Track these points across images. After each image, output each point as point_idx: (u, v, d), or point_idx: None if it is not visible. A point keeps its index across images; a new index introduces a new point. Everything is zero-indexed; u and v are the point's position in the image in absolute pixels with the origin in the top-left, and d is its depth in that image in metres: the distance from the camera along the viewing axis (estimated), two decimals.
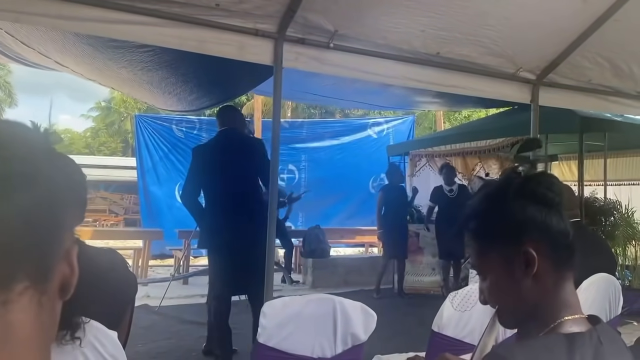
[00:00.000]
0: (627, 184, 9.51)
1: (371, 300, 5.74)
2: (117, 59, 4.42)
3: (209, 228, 4.03)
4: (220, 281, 4.06)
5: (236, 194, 3.94)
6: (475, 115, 19.65)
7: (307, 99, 9.46)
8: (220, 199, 3.99)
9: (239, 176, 3.96)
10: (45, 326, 0.55)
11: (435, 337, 2.19)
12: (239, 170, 3.96)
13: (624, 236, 6.80)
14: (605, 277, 2.69)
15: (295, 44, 3.61)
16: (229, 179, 3.93)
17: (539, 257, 1.02)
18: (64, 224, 0.56)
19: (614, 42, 4.35)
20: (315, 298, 2.02)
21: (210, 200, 4.05)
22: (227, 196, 3.94)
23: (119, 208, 20.92)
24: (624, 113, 6.06)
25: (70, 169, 0.59)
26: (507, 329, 1.18)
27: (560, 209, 1.04)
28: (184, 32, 3.28)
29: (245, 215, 3.89)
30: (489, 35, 4.04)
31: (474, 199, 1.13)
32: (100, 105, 32.95)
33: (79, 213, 0.60)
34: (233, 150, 4.05)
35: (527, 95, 4.74)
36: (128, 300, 1.73)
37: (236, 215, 3.90)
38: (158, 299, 6.13)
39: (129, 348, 1.87)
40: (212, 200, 4.03)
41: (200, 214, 4.06)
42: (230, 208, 3.93)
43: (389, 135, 12.40)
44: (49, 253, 0.54)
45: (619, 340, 1.06)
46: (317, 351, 2.00)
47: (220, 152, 4.03)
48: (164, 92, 5.33)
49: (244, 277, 3.87)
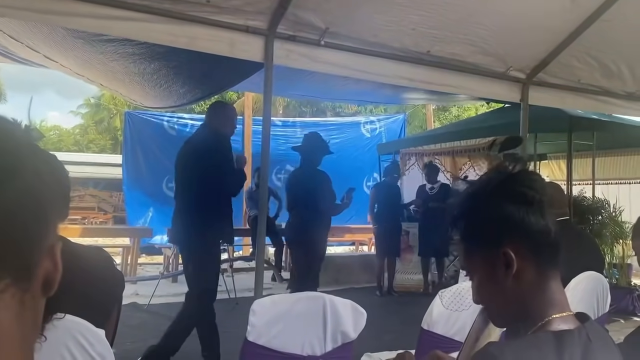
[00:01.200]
0: (615, 183, 9.59)
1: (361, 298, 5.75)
2: (109, 52, 4.38)
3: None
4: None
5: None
6: (464, 115, 19.77)
7: (297, 95, 9.45)
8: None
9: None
10: (27, 324, 0.53)
11: (425, 334, 2.20)
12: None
13: (612, 235, 6.86)
14: (593, 275, 2.71)
15: (286, 41, 3.60)
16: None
17: (519, 257, 1.01)
18: (48, 219, 0.55)
19: (602, 42, 4.38)
20: (305, 296, 2.02)
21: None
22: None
23: (107, 206, 20.79)
24: (613, 113, 6.12)
25: (53, 165, 0.58)
26: (497, 327, 1.18)
27: (541, 207, 1.03)
28: (174, 29, 3.26)
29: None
30: (480, 34, 4.06)
31: (456, 199, 1.13)
32: (90, 102, 32.69)
33: (62, 209, 0.59)
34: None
35: (517, 94, 4.77)
36: (115, 298, 1.71)
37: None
38: (147, 297, 6.09)
39: (117, 346, 1.86)
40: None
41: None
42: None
43: (381, 134, 12.42)
44: (32, 249, 0.53)
45: (607, 337, 1.06)
46: (307, 349, 1.99)
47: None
48: (155, 85, 5.29)
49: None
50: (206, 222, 3.76)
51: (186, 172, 3.95)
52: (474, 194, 1.10)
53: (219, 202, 3.87)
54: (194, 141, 4.13)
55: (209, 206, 3.78)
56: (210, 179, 3.73)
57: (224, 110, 4.18)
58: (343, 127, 12.77)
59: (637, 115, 6.64)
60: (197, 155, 3.85)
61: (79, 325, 1.50)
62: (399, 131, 12.69)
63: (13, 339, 0.51)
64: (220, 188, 3.81)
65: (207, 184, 3.74)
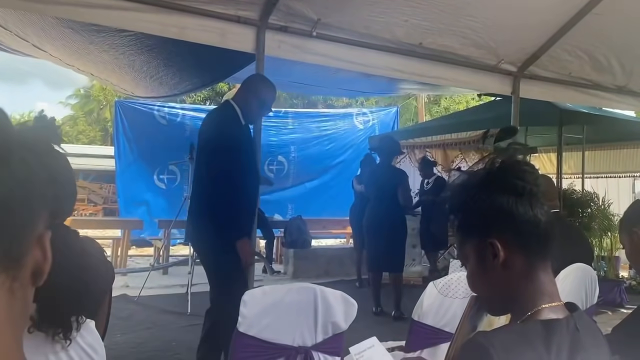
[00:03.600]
0: (604, 176, 9.66)
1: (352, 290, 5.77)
2: (99, 43, 4.34)
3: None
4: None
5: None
6: (453, 108, 19.83)
7: (289, 88, 9.41)
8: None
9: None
10: (16, 313, 0.53)
11: (415, 325, 2.21)
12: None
13: (600, 228, 6.91)
14: (582, 267, 2.73)
15: (278, 32, 3.58)
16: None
17: (507, 247, 1.02)
18: (38, 208, 0.55)
19: (593, 36, 4.40)
20: (296, 287, 2.02)
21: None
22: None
23: (97, 197, 20.66)
24: (603, 106, 6.16)
25: (46, 156, 0.58)
26: (491, 315, 1.19)
27: (532, 197, 1.03)
28: (164, 18, 3.23)
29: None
30: (472, 27, 4.06)
31: (448, 190, 1.13)
32: (79, 92, 32.42)
33: (60, 199, 0.59)
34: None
35: (508, 87, 4.79)
36: (105, 288, 1.71)
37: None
38: (137, 289, 6.07)
39: (108, 338, 1.85)
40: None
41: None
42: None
43: (374, 126, 12.40)
44: (21, 237, 0.52)
45: (594, 327, 1.07)
46: (298, 340, 1.99)
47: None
48: (146, 76, 5.25)
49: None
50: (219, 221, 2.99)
51: (197, 159, 3.25)
52: (465, 184, 1.10)
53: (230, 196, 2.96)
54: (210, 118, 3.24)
55: (219, 201, 2.96)
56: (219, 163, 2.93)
57: (265, 84, 3.19)
58: (336, 118, 12.73)
59: (627, 109, 6.70)
60: (207, 137, 3.08)
61: None
62: (392, 124, 12.67)
63: (3, 326, 0.51)
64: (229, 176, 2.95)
65: (214, 169, 2.96)
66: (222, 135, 2.95)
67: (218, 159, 2.92)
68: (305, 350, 1.99)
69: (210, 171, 2.98)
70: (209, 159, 3.00)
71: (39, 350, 1.41)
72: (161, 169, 10.78)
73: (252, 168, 3.17)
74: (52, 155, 0.60)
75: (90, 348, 1.54)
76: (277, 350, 1.95)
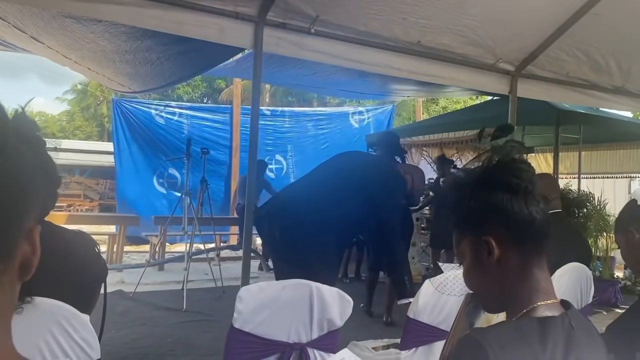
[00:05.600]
0: (600, 177, 9.70)
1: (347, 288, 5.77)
2: (100, 31, 4.31)
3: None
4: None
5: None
6: (453, 107, 19.83)
7: (286, 83, 9.39)
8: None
9: None
10: (4, 305, 0.53)
11: (411, 323, 2.21)
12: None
13: (596, 228, 6.92)
14: (578, 266, 2.73)
15: (276, 29, 3.57)
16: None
17: (502, 244, 1.03)
18: (27, 201, 0.54)
19: (591, 36, 4.40)
20: (291, 283, 2.01)
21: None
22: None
23: (94, 193, 20.59)
24: (600, 107, 6.17)
25: (39, 149, 0.58)
26: (488, 312, 1.20)
27: (527, 195, 1.03)
28: (162, 13, 3.22)
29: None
30: (470, 25, 4.06)
31: (446, 188, 1.14)
32: (77, 88, 32.30)
33: (46, 196, 0.58)
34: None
35: (506, 86, 4.79)
36: (97, 281, 1.70)
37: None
38: (133, 285, 6.06)
39: (103, 333, 1.84)
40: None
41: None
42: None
43: (369, 124, 12.42)
44: (10, 230, 0.52)
45: (589, 324, 1.07)
46: (293, 336, 1.99)
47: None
48: (147, 62, 5.19)
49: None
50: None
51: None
52: (461, 182, 1.11)
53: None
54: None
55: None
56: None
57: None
58: (331, 117, 12.76)
59: (624, 109, 6.72)
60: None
61: (63, 310, 1.48)
62: (387, 122, 12.70)
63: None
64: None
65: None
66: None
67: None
68: (300, 346, 1.99)
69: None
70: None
71: (30, 341, 1.40)
72: (161, 172, 10.77)
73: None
74: (43, 145, 0.59)
75: (85, 342, 1.53)
76: (272, 346, 1.95)
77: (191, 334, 4.63)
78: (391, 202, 3.59)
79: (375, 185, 3.41)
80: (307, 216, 3.18)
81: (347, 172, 3.52)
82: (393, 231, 3.82)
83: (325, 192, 3.32)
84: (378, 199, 3.40)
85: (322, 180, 3.52)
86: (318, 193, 3.34)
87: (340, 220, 3.27)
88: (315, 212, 3.19)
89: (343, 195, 3.27)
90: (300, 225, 3.14)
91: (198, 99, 24.05)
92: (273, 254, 3.61)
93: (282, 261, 3.53)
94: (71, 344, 1.50)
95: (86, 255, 1.68)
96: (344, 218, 3.29)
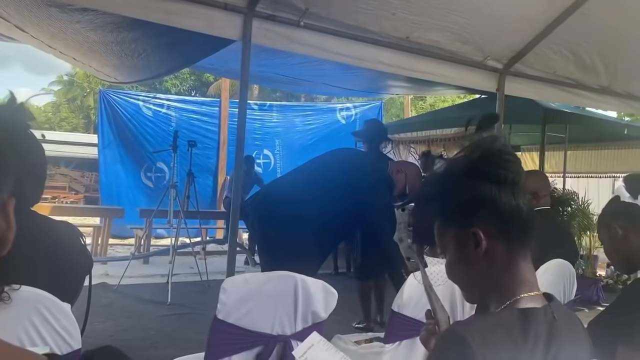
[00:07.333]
0: (584, 176, 9.79)
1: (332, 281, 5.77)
2: (85, 22, 4.24)
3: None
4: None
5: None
6: (439, 105, 19.90)
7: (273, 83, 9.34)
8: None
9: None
10: None
11: (395, 316, 2.21)
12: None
13: (580, 226, 7.00)
14: (561, 262, 2.75)
15: (265, 21, 3.55)
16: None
17: (489, 236, 1.02)
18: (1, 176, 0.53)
19: (579, 35, 4.43)
20: (276, 275, 2.00)
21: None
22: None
23: (79, 185, 20.41)
24: (585, 106, 6.22)
25: (13, 133, 0.57)
26: (469, 303, 1.19)
27: (514, 186, 1.03)
28: (150, 2, 3.18)
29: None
30: (459, 22, 4.06)
31: (430, 179, 1.13)
32: (62, 79, 31.93)
33: (24, 174, 0.57)
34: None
35: (494, 83, 4.81)
36: (83, 272, 1.68)
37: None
38: (117, 278, 6.02)
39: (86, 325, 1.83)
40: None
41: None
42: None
43: (356, 121, 12.42)
44: None
45: (573, 316, 1.08)
46: (277, 328, 1.98)
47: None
48: (134, 54, 5.11)
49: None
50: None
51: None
52: (446, 172, 1.10)
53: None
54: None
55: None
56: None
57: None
58: (319, 112, 12.75)
59: (609, 109, 6.77)
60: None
61: (43, 298, 1.46)
62: None
63: None
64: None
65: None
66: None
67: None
68: (284, 338, 1.98)
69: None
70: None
71: (9, 329, 1.38)
72: (148, 165, 10.67)
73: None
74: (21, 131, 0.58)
75: (65, 331, 1.51)
76: (256, 338, 1.94)
77: (175, 327, 4.61)
78: (377, 201, 3.62)
79: (363, 183, 3.42)
80: (290, 210, 3.19)
81: (335, 169, 3.54)
82: (381, 229, 3.84)
83: (312, 187, 3.33)
84: (364, 197, 3.42)
85: (309, 176, 3.53)
86: (303, 188, 3.34)
87: (325, 216, 3.29)
88: (298, 207, 3.19)
89: (328, 192, 3.28)
90: (283, 219, 3.15)
91: (186, 92, 23.90)
92: (258, 246, 3.64)
93: (265, 254, 3.55)
94: (51, 333, 1.48)
95: (73, 245, 1.66)
96: (329, 214, 3.30)
